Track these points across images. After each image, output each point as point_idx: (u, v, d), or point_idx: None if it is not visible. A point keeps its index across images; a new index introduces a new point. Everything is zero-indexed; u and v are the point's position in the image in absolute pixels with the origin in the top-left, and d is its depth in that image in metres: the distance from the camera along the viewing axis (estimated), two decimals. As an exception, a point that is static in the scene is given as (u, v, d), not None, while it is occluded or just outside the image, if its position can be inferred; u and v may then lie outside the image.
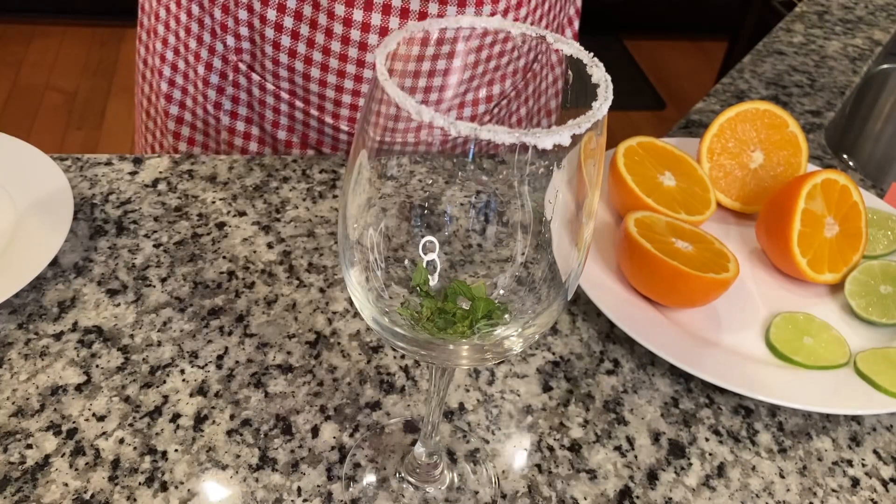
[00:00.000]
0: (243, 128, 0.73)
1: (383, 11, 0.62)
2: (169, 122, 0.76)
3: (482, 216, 0.35)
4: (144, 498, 0.43)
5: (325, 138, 0.72)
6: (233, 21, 0.66)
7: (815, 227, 0.60)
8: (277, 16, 0.64)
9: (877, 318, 0.58)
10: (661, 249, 0.55)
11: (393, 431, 0.48)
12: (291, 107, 0.70)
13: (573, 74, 0.31)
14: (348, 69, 0.66)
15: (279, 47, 0.66)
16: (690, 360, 0.51)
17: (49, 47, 2.61)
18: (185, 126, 0.76)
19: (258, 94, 0.70)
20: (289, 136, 0.72)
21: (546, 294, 0.35)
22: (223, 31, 0.67)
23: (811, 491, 0.48)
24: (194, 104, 0.74)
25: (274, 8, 0.64)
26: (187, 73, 0.72)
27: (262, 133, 0.73)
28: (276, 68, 0.68)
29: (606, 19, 3.05)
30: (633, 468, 0.48)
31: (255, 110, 0.72)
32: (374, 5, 0.62)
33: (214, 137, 0.75)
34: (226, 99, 0.72)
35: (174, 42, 0.71)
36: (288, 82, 0.68)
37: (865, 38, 1.06)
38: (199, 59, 0.70)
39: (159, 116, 0.77)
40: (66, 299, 0.53)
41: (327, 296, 0.56)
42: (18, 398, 0.47)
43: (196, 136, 0.76)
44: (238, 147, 0.74)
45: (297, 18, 0.63)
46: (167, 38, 0.72)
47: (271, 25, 0.65)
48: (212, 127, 0.74)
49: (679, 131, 0.81)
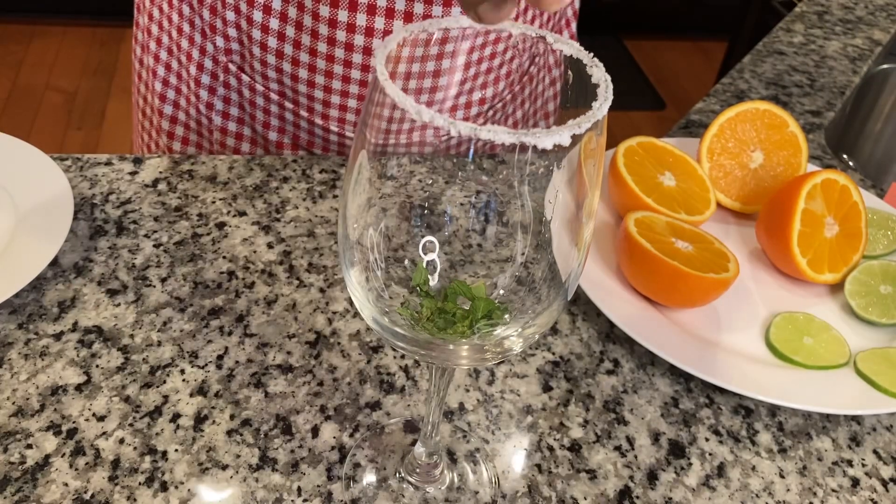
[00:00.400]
0: (235, 128, 0.73)
1: (368, 12, 0.62)
2: (163, 121, 0.76)
3: (482, 216, 0.35)
4: (144, 498, 0.43)
5: (315, 139, 0.72)
6: (221, 22, 0.66)
7: (815, 227, 0.60)
8: (263, 17, 0.64)
9: (877, 318, 0.58)
10: (661, 249, 0.55)
11: (393, 431, 0.48)
12: (281, 108, 0.70)
13: (573, 75, 0.31)
14: (335, 70, 0.66)
15: (266, 49, 0.66)
16: (690, 360, 0.51)
17: (49, 47, 2.61)
18: (179, 126, 0.76)
19: (248, 94, 0.70)
20: (280, 137, 0.72)
21: (546, 294, 0.35)
22: (212, 31, 0.67)
23: (811, 491, 0.48)
24: (187, 104, 0.74)
25: (260, 10, 0.64)
26: (180, 72, 0.72)
27: (254, 133, 0.73)
28: (265, 69, 0.68)
29: (606, 19, 3.05)
30: (633, 468, 0.48)
31: (246, 111, 0.72)
32: (359, 6, 0.61)
33: (207, 137, 0.75)
34: (217, 99, 0.72)
35: (167, 42, 0.71)
36: (277, 83, 0.68)
37: (865, 38, 1.06)
38: (190, 59, 0.70)
39: (154, 116, 0.77)
40: (66, 299, 0.53)
41: (327, 296, 0.56)
42: (18, 398, 0.47)
43: (190, 135, 0.76)
44: (230, 147, 0.74)
45: (282, 20, 0.63)
46: (161, 38, 0.72)
47: (258, 27, 0.65)
48: (204, 127, 0.74)
49: (679, 131, 0.81)
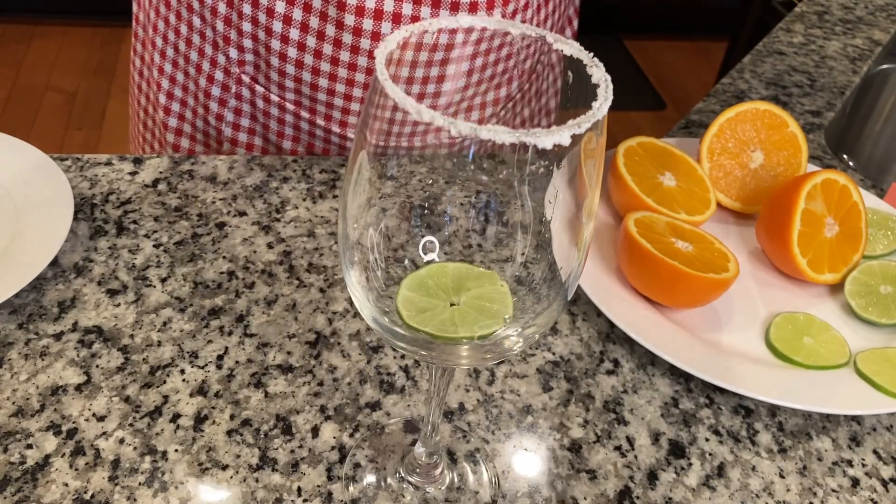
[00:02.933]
0: (246, 139, 0.72)
1: (393, 20, 0.61)
2: (168, 134, 0.75)
3: (482, 216, 0.35)
4: (144, 498, 0.43)
5: (331, 147, 0.71)
6: (236, 33, 0.65)
7: (815, 227, 0.60)
8: (283, 28, 0.63)
9: (877, 318, 0.58)
10: (661, 249, 0.55)
11: (393, 431, 0.48)
12: (297, 117, 0.69)
13: (573, 74, 0.31)
14: (357, 78, 0.65)
15: (286, 59, 0.65)
16: (690, 360, 0.51)
17: (49, 47, 2.61)
18: (185, 138, 0.75)
19: (262, 105, 0.70)
20: (294, 146, 0.72)
21: (546, 294, 0.35)
22: (226, 43, 0.67)
23: (811, 491, 0.48)
24: (194, 116, 0.73)
25: (280, 20, 0.63)
26: (187, 85, 0.71)
27: (266, 143, 0.72)
28: (282, 79, 0.67)
29: (606, 19, 3.05)
30: (633, 468, 0.48)
31: (258, 121, 0.71)
32: (384, 14, 0.61)
33: (216, 149, 0.74)
34: (228, 111, 0.71)
35: (173, 54, 0.70)
36: (294, 93, 0.68)
37: (865, 38, 1.06)
38: (200, 71, 0.69)
39: (157, 128, 0.76)
40: (66, 299, 0.53)
41: (327, 296, 0.56)
42: (18, 398, 0.47)
43: (196, 147, 0.75)
44: None
45: (303, 30, 0.63)
46: (165, 51, 0.71)
47: (277, 37, 0.64)
48: (213, 139, 0.73)
49: (679, 131, 0.81)
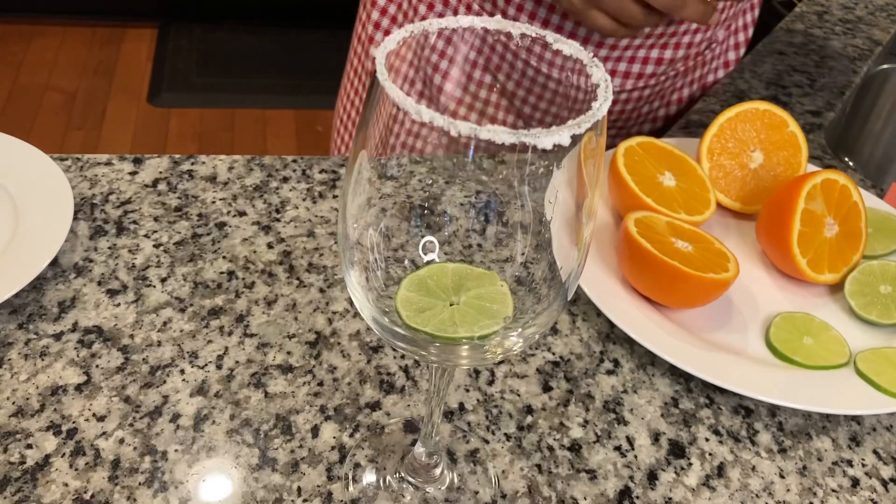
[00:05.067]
0: None
1: None
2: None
3: (482, 216, 0.35)
4: (144, 498, 0.43)
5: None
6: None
7: (815, 227, 0.60)
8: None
9: (877, 318, 0.58)
10: (661, 249, 0.55)
11: (393, 431, 0.48)
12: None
13: (573, 74, 0.31)
14: None
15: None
16: (690, 360, 0.51)
17: (49, 47, 2.61)
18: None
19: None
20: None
21: (546, 294, 0.35)
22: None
23: (811, 491, 0.48)
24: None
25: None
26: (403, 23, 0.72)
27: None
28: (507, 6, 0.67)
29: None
30: (633, 468, 0.48)
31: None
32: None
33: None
34: None
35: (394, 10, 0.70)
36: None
37: (865, 38, 1.06)
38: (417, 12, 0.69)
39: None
40: (66, 299, 0.53)
41: (327, 296, 0.56)
42: (18, 398, 0.47)
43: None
44: None
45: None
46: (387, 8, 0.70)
47: None
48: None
49: (679, 131, 0.81)
